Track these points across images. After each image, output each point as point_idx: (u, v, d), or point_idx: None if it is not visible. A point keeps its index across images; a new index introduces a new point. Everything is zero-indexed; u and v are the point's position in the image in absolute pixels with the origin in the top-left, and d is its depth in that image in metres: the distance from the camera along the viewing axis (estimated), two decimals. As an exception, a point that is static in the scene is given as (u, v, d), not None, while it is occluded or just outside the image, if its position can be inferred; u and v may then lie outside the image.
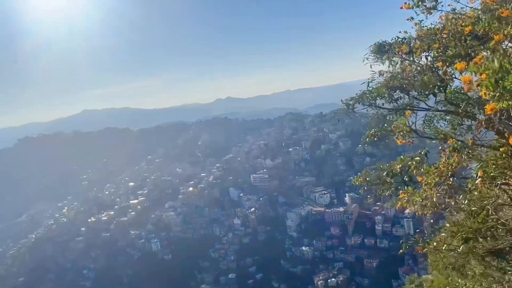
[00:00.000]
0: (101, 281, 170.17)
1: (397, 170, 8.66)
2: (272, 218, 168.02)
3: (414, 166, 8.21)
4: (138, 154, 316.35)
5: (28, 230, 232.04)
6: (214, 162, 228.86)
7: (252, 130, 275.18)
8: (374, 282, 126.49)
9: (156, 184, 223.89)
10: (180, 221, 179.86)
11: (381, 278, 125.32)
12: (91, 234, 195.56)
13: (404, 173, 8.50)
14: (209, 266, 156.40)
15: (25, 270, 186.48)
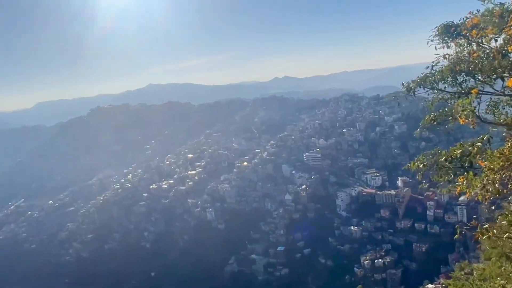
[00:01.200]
0: (159, 243, 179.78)
1: (456, 155, 8.29)
2: (322, 196, 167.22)
3: (476, 151, 7.83)
4: (197, 128, 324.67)
5: (97, 192, 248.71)
6: (268, 139, 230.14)
7: (307, 110, 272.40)
8: (422, 267, 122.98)
9: (213, 157, 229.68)
10: (234, 194, 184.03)
11: (429, 263, 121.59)
12: (152, 200, 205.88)
13: (465, 158, 8.13)
14: (260, 238, 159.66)
15: (93, 228, 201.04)
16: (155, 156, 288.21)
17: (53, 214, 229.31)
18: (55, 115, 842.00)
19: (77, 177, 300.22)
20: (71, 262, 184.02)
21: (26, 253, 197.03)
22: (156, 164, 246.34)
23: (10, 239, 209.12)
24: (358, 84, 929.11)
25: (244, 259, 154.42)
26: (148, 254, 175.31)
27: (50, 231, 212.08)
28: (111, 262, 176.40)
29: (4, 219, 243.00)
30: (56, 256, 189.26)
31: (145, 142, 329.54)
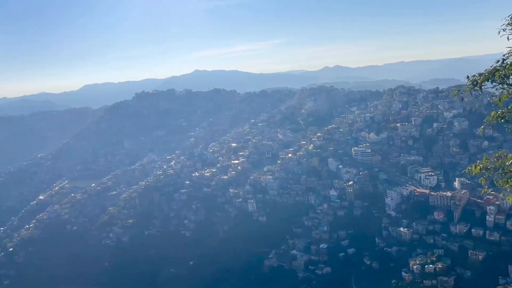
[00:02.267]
0: (199, 232, 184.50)
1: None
2: (370, 194, 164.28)
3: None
4: (242, 117, 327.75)
5: (139, 177, 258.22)
6: (315, 131, 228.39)
7: (358, 102, 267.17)
8: (478, 276, 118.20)
9: (257, 147, 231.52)
10: (276, 186, 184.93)
11: (486, 272, 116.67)
12: (194, 187, 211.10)
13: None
14: (302, 233, 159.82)
15: (134, 213, 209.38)
16: (198, 143, 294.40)
17: (95, 197, 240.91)
18: (101, 98, 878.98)
19: (120, 161, 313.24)
20: (111, 246, 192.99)
21: (67, 235, 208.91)
22: (199, 151, 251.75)
23: (53, 220, 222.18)
24: (415, 75, 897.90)
25: (284, 254, 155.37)
26: (188, 242, 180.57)
27: (92, 214, 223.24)
28: (150, 248, 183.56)
29: (48, 200, 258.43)
30: (97, 239, 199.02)
31: (189, 129, 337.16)
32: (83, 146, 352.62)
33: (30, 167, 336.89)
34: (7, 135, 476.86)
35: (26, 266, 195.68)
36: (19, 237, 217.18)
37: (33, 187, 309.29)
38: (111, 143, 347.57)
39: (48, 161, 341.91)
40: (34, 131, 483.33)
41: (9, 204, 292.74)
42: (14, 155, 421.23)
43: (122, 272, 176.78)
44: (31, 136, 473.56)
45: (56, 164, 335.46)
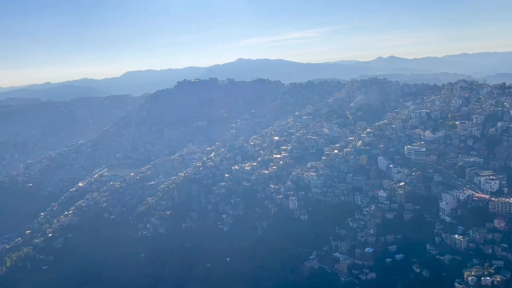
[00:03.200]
0: (237, 227, 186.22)
1: None
2: (423, 196, 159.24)
3: None
4: (286, 109, 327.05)
5: (178, 168, 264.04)
6: (365, 127, 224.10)
7: (414, 96, 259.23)
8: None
9: (301, 142, 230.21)
10: (320, 183, 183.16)
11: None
12: (233, 181, 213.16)
13: None
14: (346, 235, 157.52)
15: (172, 204, 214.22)
16: (239, 135, 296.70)
17: (134, 186, 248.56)
18: (142, 86, 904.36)
19: (159, 150, 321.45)
20: (147, 237, 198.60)
21: (105, 223, 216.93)
22: (240, 144, 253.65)
23: (91, 208, 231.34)
24: (479, 69, 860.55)
25: (326, 256, 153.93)
26: (225, 237, 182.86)
27: (129, 203, 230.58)
28: (187, 241, 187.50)
29: (88, 187, 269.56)
30: (134, 229, 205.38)
31: (230, 120, 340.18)
32: (123, 134, 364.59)
33: (71, 153, 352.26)
34: (50, 120, 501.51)
35: (64, 252, 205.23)
36: (58, 223, 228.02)
37: (73, 174, 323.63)
38: (151, 132, 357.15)
39: (88, 147, 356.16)
40: (75, 117, 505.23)
41: (49, 190, 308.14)
42: (56, 140, 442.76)
43: (157, 264, 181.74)
44: (73, 122, 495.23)
45: (96, 151, 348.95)
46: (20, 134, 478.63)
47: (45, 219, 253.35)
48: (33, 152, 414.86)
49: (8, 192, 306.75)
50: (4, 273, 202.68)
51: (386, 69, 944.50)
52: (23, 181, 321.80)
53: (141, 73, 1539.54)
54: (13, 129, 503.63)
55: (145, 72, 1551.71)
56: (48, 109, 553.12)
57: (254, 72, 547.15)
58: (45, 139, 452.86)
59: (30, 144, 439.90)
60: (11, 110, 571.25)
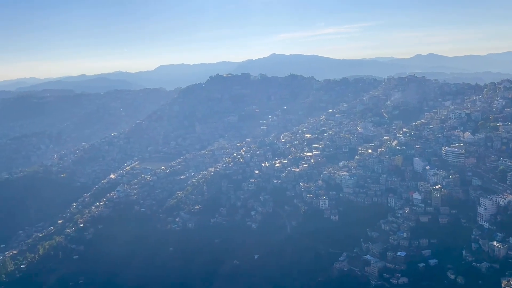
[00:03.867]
0: (266, 225, 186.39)
1: None
2: (460, 200, 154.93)
3: None
4: (319, 106, 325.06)
5: (208, 163, 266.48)
6: (401, 126, 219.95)
7: (454, 95, 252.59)
8: None
9: (333, 140, 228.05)
10: (352, 183, 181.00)
11: None
12: (263, 178, 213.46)
13: None
14: (378, 237, 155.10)
15: (202, 199, 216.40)
16: (270, 132, 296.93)
17: (164, 179, 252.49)
18: (175, 80, 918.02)
19: (190, 145, 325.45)
20: (176, 231, 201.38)
21: (135, 216, 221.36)
22: (270, 140, 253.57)
23: (122, 200, 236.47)
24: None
25: (356, 258, 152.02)
26: (253, 235, 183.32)
27: (159, 196, 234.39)
28: (215, 237, 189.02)
29: (119, 179, 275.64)
30: (163, 223, 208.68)
31: (262, 116, 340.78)
32: (155, 128, 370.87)
33: (103, 145, 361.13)
34: (84, 112, 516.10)
35: (95, 242, 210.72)
36: (89, 214, 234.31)
37: (105, 165, 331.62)
38: (183, 126, 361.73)
39: (120, 140, 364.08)
40: (109, 109, 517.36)
41: (82, 181, 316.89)
42: (90, 132, 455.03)
43: (185, 258, 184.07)
44: (106, 114, 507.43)
45: (128, 144, 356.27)
46: (55, 125, 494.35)
47: (77, 210, 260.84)
48: (67, 143, 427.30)
49: (42, 182, 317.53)
50: (36, 261, 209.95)
51: (425, 67, 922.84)
52: (57, 171, 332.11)
53: (174, 67, 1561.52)
54: (48, 120, 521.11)
55: (178, 66, 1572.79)
56: (82, 101, 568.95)
57: (287, 68, 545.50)
58: (79, 130, 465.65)
59: (64, 135, 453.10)
60: (47, 101, 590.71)
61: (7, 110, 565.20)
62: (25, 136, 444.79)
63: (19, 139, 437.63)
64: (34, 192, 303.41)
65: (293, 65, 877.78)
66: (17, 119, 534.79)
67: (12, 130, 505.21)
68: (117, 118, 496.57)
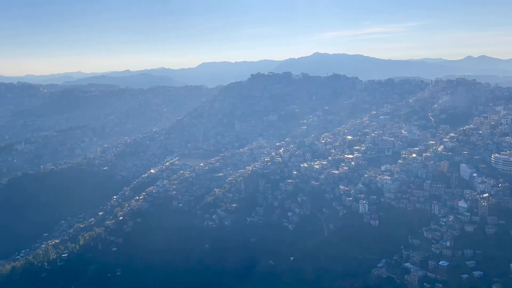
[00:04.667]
0: (303, 227, 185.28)
1: None
2: (509, 210, 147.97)
3: None
4: (362, 107, 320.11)
5: (246, 162, 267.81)
6: (448, 131, 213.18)
7: (506, 100, 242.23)
8: None
9: (376, 143, 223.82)
10: (394, 188, 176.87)
11: None
12: (301, 179, 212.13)
13: None
14: (419, 245, 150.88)
15: (239, 198, 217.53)
16: (310, 132, 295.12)
17: (202, 176, 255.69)
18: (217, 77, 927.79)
19: (229, 143, 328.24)
20: (213, 228, 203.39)
21: (173, 211, 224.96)
22: (310, 141, 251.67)
23: (161, 194, 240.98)
24: None
25: (396, 266, 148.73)
26: (290, 236, 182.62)
27: (197, 193, 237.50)
28: (251, 236, 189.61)
29: (159, 174, 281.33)
30: (200, 219, 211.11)
31: (302, 116, 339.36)
32: (195, 125, 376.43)
33: (145, 140, 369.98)
34: (127, 107, 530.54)
35: (133, 235, 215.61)
36: (129, 207, 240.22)
37: (145, 160, 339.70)
38: (222, 123, 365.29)
39: (161, 136, 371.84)
40: (151, 105, 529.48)
41: (123, 174, 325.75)
42: (132, 127, 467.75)
43: (221, 255, 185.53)
44: (148, 109, 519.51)
45: (168, 140, 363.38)
46: (99, 118, 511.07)
47: (117, 202, 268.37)
48: (110, 137, 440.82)
49: (85, 174, 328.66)
50: (77, 251, 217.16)
51: (476, 70, 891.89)
52: (99, 164, 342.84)
53: (216, 64, 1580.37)
54: (92, 114, 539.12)
55: (220, 63, 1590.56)
56: (126, 96, 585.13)
57: (330, 67, 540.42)
58: (121, 124, 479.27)
59: (108, 129, 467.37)
60: (92, 95, 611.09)
61: (54, 103, 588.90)
62: (70, 129, 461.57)
63: (64, 131, 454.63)
64: (77, 183, 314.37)
65: (336, 64, 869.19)
66: (63, 112, 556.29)
67: (58, 123, 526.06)
68: (158, 114, 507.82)
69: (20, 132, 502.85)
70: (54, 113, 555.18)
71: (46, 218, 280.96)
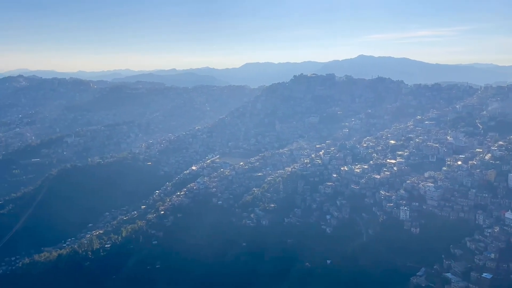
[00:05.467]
0: (341, 230, 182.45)
1: None
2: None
3: None
4: (407, 112, 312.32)
5: (286, 162, 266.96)
6: (496, 139, 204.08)
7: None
8: None
9: (420, 148, 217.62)
10: (437, 196, 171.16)
11: None
12: (341, 182, 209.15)
13: None
14: (461, 255, 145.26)
15: (277, 198, 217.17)
16: (352, 135, 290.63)
17: (242, 175, 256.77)
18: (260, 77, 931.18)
19: (269, 143, 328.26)
20: (250, 226, 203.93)
21: (212, 208, 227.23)
22: (351, 144, 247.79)
23: (201, 191, 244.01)
24: None
25: (436, 275, 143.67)
26: (327, 239, 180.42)
27: (236, 191, 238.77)
28: (288, 237, 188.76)
29: (200, 171, 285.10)
30: (238, 217, 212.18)
31: (344, 119, 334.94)
32: (236, 124, 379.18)
33: (187, 138, 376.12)
34: (172, 105, 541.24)
35: (173, 230, 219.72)
36: (170, 202, 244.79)
37: (187, 157, 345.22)
38: (263, 124, 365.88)
39: (204, 134, 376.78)
40: (195, 104, 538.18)
41: (166, 170, 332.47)
42: (176, 124, 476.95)
43: (257, 254, 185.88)
44: (192, 108, 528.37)
45: (210, 138, 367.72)
46: (145, 115, 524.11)
47: (159, 197, 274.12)
48: (155, 133, 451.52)
49: (129, 168, 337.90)
50: (119, 242, 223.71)
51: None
52: (144, 159, 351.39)
53: (260, 65, 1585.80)
54: (139, 110, 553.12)
55: (264, 64, 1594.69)
56: (171, 94, 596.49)
57: (375, 70, 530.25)
58: (166, 121, 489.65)
59: (152, 125, 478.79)
60: (139, 92, 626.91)
61: (103, 99, 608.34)
62: (118, 124, 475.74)
63: (112, 126, 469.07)
64: (122, 177, 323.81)
65: (381, 67, 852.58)
66: (111, 108, 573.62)
67: (106, 118, 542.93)
68: (201, 112, 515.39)
69: (70, 125, 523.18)
70: (102, 108, 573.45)
71: (91, 209, 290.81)
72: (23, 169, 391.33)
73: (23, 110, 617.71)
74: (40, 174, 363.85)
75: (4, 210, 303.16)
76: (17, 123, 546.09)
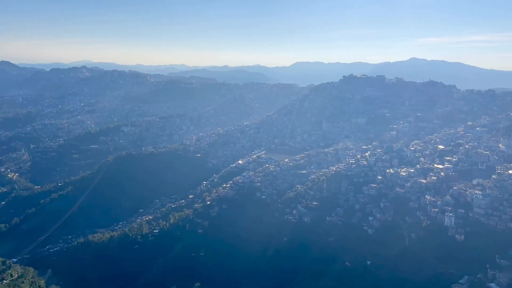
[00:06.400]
0: (383, 233, 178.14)
1: None
2: None
3: None
4: (458, 117, 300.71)
5: (331, 162, 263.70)
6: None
7: None
8: None
9: (469, 155, 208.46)
10: (485, 204, 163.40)
11: None
12: (386, 185, 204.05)
13: None
14: (507, 266, 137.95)
15: (320, 196, 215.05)
16: (400, 138, 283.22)
17: (286, 172, 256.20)
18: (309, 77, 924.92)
19: (315, 142, 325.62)
20: (292, 222, 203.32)
21: (256, 201, 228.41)
22: (398, 147, 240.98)
23: (246, 185, 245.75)
24: None
25: (479, 284, 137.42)
26: (368, 240, 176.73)
27: (280, 187, 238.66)
28: (329, 235, 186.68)
29: (246, 165, 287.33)
30: (281, 213, 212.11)
31: (392, 121, 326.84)
32: (283, 122, 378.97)
33: (236, 133, 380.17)
34: (223, 100, 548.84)
35: (218, 220, 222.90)
36: (216, 193, 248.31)
37: (235, 151, 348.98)
38: (309, 122, 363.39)
39: (251, 129, 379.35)
40: (244, 100, 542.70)
41: (213, 162, 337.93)
42: (225, 119, 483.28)
43: (298, 250, 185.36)
44: (242, 104, 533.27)
45: (257, 134, 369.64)
46: (197, 109, 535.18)
47: (206, 188, 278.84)
48: (205, 127, 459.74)
49: (180, 159, 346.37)
50: (167, 228, 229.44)
51: None
52: (194, 151, 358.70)
53: (310, 64, 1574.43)
54: (191, 104, 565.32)
55: (314, 63, 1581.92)
56: (222, 90, 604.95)
57: (427, 74, 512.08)
58: (216, 116, 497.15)
59: (203, 119, 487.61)
60: (193, 87, 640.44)
61: (158, 92, 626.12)
62: (171, 117, 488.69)
63: (166, 118, 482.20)
64: (172, 167, 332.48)
65: (433, 71, 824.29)
66: (166, 101, 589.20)
67: (161, 110, 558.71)
68: (250, 109, 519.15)
69: (127, 115, 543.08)
70: (158, 100, 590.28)
71: (142, 195, 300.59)
72: (83, 154, 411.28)
73: (85, 99, 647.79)
74: (97, 160, 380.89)
75: (64, 191, 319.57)
76: (79, 111, 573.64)
